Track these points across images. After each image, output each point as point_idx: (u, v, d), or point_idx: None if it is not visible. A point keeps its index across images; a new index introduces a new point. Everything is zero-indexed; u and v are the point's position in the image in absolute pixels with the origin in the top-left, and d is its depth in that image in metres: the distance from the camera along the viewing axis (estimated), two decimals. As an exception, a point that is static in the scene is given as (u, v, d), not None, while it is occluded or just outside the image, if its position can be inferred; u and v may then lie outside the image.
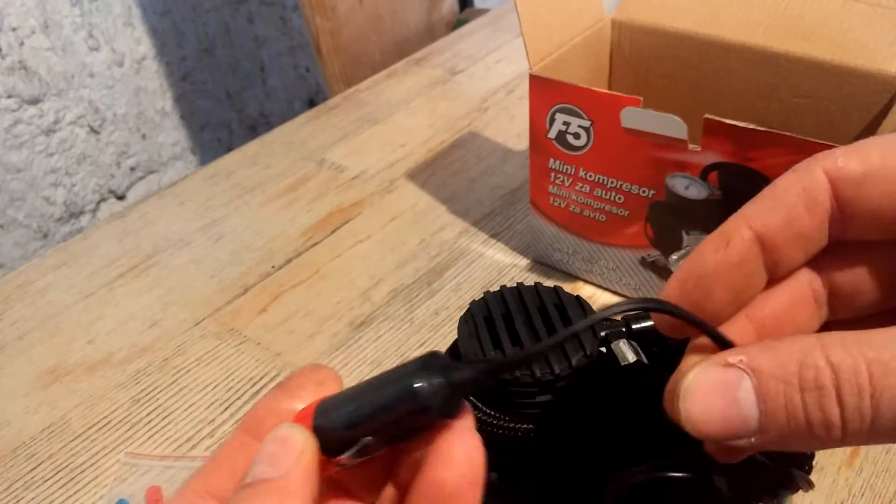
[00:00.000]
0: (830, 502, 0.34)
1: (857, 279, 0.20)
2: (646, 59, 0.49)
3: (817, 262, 0.20)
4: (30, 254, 1.08)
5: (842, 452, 0.36)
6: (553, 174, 0.45)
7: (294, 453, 0.19)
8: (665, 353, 0.28)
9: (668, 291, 0.20)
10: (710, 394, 0.17)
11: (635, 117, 0.39)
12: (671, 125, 0.38)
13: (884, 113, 0.41)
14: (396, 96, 0.72)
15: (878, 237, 0.19)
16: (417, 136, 0.65)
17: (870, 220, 0.19)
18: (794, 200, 0.19)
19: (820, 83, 0.43)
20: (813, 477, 0.35)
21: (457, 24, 1.07)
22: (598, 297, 0.47)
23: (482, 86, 0.73)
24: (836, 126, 0.43)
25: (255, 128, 1.39)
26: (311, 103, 1.39)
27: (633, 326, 0.28)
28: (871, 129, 0.42)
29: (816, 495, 0.34)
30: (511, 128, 0.66)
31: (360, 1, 0.93)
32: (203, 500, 0.21)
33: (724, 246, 0.19)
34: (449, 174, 0.60)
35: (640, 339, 0.28)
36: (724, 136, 0.37)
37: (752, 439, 0.17)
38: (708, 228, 0.41)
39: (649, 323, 0.28)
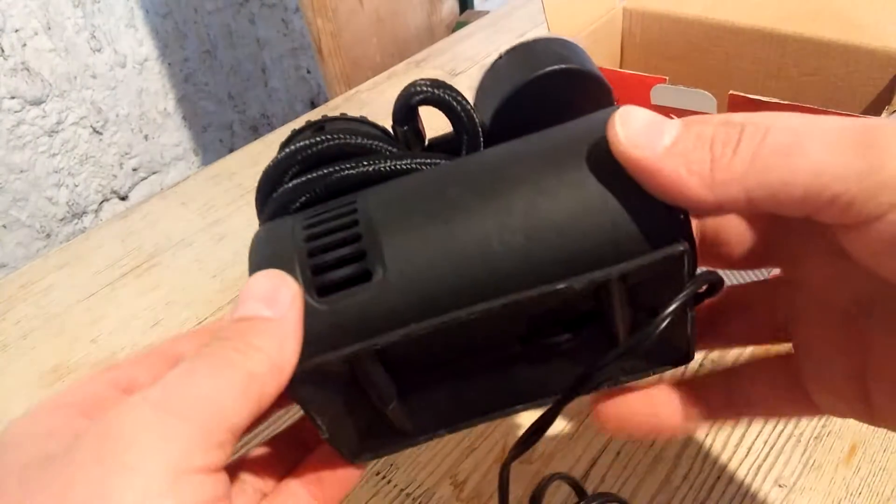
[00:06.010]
0: (828, 501, 0.34)
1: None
2: (656, 45, 0.51)
3: None
4: (33, 254, 1.08)
5: (839, 451, 0.36)
6: None
7: (289, 295, 0.20)
8: None
9: None
10: (644, 114, 0.20)
11: (666, 94, 0.41)
12: (701, 100, 0.40)
13: (889, 88, 0.43)
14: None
15: None
16: (418, 137, 0.66)
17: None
18: None
19: (827, 61, 0.44)
20: (810, 475, 0.35)
21: (457, 26, 1.07)
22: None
23: (483, 87, 0.73)
24: (843, 102, 0.45)
25: (257, 129, 1.39)
26: (313, 104, 1.39)
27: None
28: (876, 104, 0.44)
29: (814, 494, 0.35)
30: (511, 129, 0.66)
31: (361, 3, 0.93)
32: (112, 390, 0.21)
33: None
34: (449, 175, 0.60)
35: None
36: (748, 110, 0.38)
37: (659, 150, 0.19)
38: None
39: None
